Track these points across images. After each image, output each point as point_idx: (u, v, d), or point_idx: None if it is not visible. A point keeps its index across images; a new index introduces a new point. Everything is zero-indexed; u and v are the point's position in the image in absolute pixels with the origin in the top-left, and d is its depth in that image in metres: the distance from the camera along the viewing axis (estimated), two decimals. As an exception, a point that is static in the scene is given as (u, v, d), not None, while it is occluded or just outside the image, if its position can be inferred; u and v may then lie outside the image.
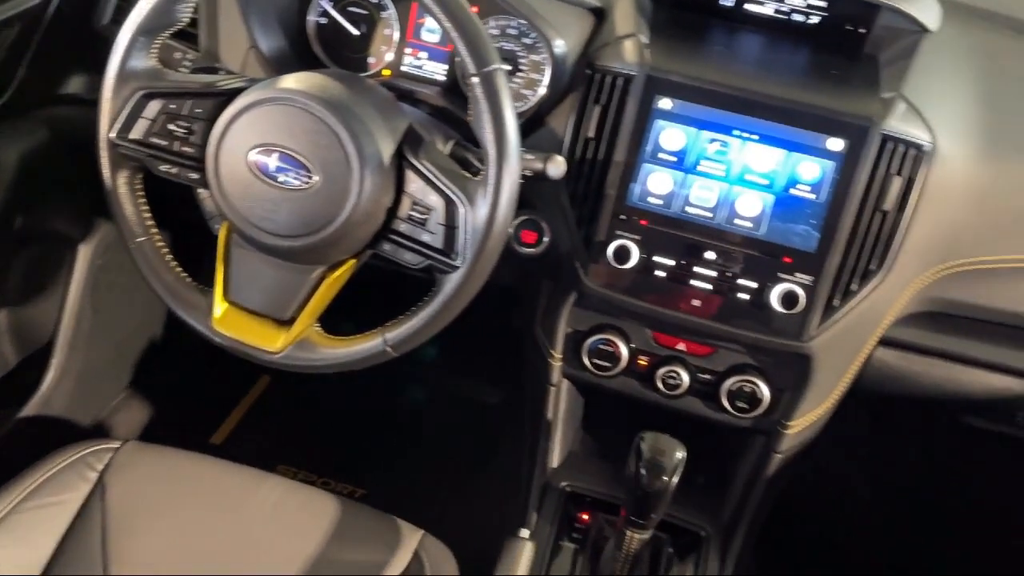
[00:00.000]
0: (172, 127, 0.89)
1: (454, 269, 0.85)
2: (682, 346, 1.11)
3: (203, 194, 0.94)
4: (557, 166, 0.94)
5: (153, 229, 0.94)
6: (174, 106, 0.89)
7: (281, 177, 0.83)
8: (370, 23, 1.12)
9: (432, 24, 1.11)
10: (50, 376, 1.41)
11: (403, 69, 1.13)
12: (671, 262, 1.01)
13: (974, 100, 1.03)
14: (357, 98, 0.85)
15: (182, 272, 0.95)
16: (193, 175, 0.89)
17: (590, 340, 1.11)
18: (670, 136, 0.99)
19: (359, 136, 0.82)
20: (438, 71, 1.12)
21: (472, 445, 1.79)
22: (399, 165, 0.86)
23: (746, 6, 1.08)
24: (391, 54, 1.13)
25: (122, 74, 0.90)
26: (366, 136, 0.83)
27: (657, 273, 1.02)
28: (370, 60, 1.13)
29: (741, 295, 1.00)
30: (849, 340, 1.04)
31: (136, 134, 0.90)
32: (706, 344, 1.10)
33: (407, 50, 1.12)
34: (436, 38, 1.11)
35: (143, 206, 0.94)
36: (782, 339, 1.01)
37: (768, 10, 1.08)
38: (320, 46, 1.14)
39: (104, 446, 1.10)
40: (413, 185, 0.85)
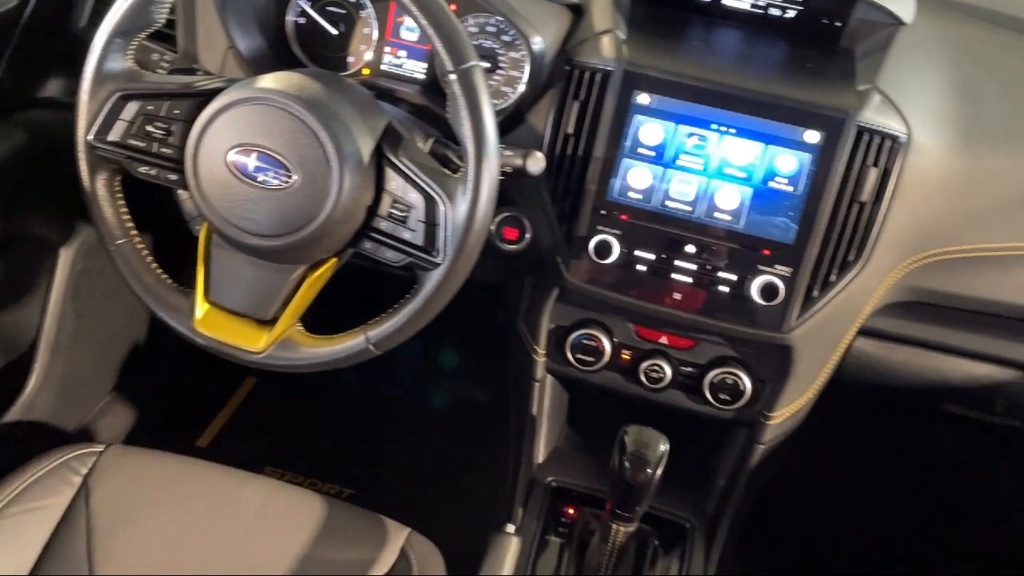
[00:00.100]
0: (150, 128, 0.89)
1: (435, 266, 0.85)
2: (664, 340, 1.12)
3: (183, 195, 0.94)
4: (537, 162, 0.94)
5: (133, 231, 0.94)
6: (152, 107, 0.89)
7: (260, 177, 0.83)
8: (349, 22, 1.12)
9: (411, 23, 1.11)
10: (33, 381, 1.40)
11: (383, 68, 1.13)
12: (652, 256, 1.02)
13: (949, 91, 1.04)
14: (336, 97, 0.85)
15: (163, 274, 0.95)
16: (172, 176, 0.89)
17: (573, 335, 1.12)
18: (649, 131, 0.99)
19: (338, 135, 0.82)
20: (418, 69, 1.12)
21: (459, 443, 1.79)
22: (379, 163, 0.86)
23: (723, 1, 1.09)
24: (370, 53, 1.13)
25: (99, 76, 0.89)
26: (345, 135, 0.83)
27: (638, 267, 1.02)
28: (349, 59, 1.13)
29: (721, 288, 1.01)
30: (829, 330, 1.05)
31: (114, 136, 0.90)
32: (688, 337, 1.11)
33: (386, 49, 1.12)
34: (415, 36, 1.11)
35: (122, 208, 0.94)
36: (763, 331, 1.01)
37: (745, 5, 1.08)
38: (299, 46, 1.14)
39: (88, 450, 1.09)
40: (393, 183, 0.85)
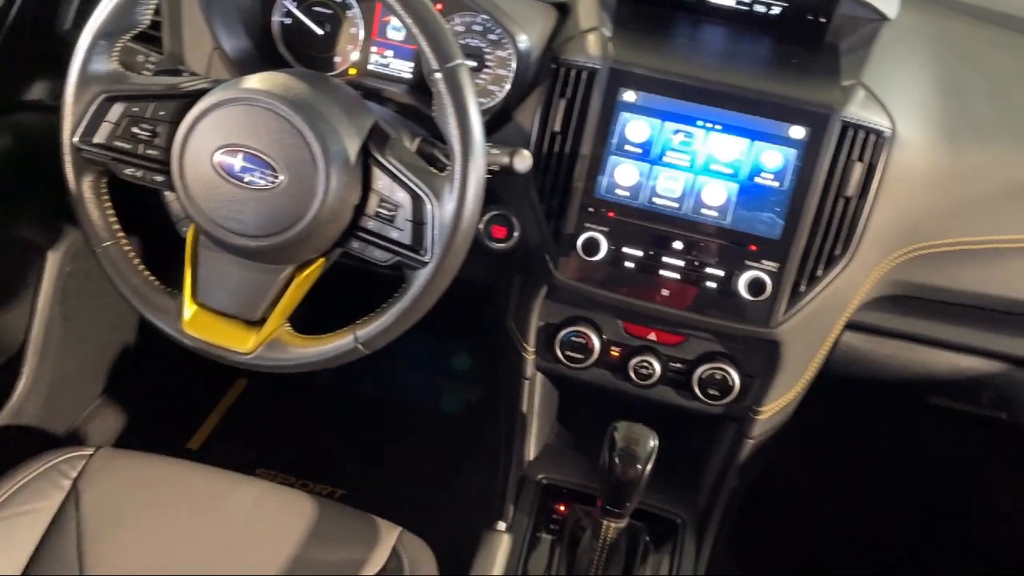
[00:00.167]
0: (136, 130, 0.89)
1: (423, 265, 0.85)
2: (653, 336, 1.12)
3: (169, 197, 0.93)
4: (523, 160, 0.94)
5: (120, 233, 0.94)
6: (137, 109, 0.89)
7: (247, 177, 0.83)
8: (335, 22, 1.12)
9: (397, 22, 1.11)
10: (21, 385, 1.40)
11: (369, 68, 1.13)
12: (639, 253, 1.02)
13: (932, 86, 1.05)
14: (321, 96, 0.85)
15: (150, 276, 0.94)
16: (158, 178, 0.89)
17: (562, 332, 1.12)
18: (635, 128, 0.99)
19: (324, 134, 0.82)
20: (404, 69, 1.12)
21: (450, 442, 1.79)
22: (365, 163, 0.86)
23: None
24: (357, 53, 1.13)
25: (84, 78, 0.89)
26: (331, 134, 0.83)
27: (626, 264, 1.03)
28: (336, 59, 1.13)
29: (709, 283, 1.01)
30: (816, 325, 1.05)
31: (99, 138, 0.90)
32: (676, 333, 1.11)
33: (373, 48, 1.12)
34: (402, 36, 1.11)
35: (109, 210, 0.93)
36: (750, 326, 1.02)
37: (730, 2, 1.09)
38: (285, 46, 1.14)
39: (77, 453, 1.09)
40: (380, 182, 0.85)
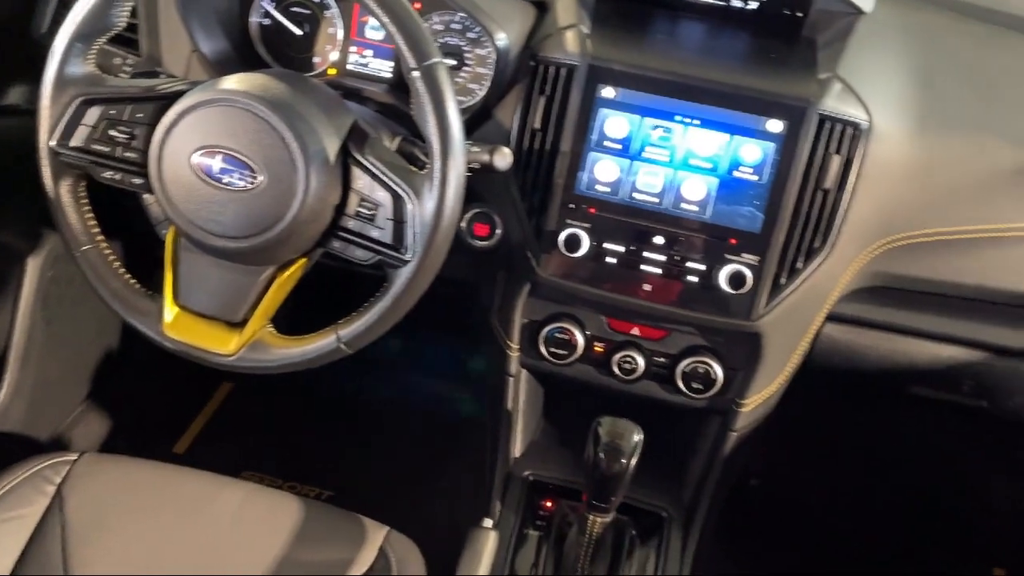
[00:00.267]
0: (113, 133, 0.88)
1: (404, 264, 0.85)
2: (636, 331, 1.12)
3: (148, 199, 0.93)
4: (504, 157, 0.94)
5: (99, 237, 0.93)
6: (114, 111, 0.88)
7: (226, 178, 0.83)
8: (313, 22, 1.12)
9: (376, 22, 1.11)
10: (4, 391, 1.39)
11: (349, 67, 1.12)
12: (621, 248, 1.02)
13: (908, 78, 1.06)
14: (300, 97, 0.85)
15: (130, 279, 0.94)
16: (137, 180, 0.89)
17: (546, 329, 1.12)
18: (614, 124, 1.00)
19: (303, 134, 0.82)
20: (384, 68, 1.12)
21: (436, 441, 1.79)
22: (345, 162, 0.86)
23: None
24: (336, 53, 1.12)
25: (60, 81, 0.89)
26: (310, 134, 0.83)
27: (608, 260, 1.03)
28: (315, 59, 1.13)
29: (690, 278, 1.02)
30: (797, 317, 1.06)
31: (77, 141, 0.89)
32: (659, 328, 1.12)
33: (352, 48, 1.12)
34: (381, 35, 1.11)
35: (87, 214, 0.93)
36: (732, 319, 1.02)
37: None
38: (264, 47, 1.14)
39: (61, 459, 1.08)
40: (360, 182, 0.85)
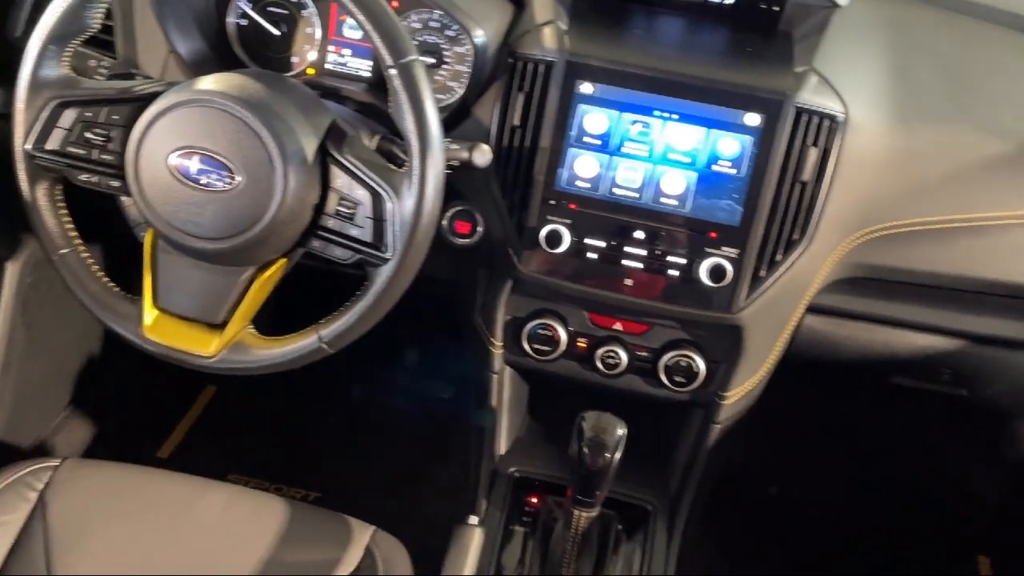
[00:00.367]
0: (89, 135, 0.88)
1: (384, 262, 0.85)
2: (618, 326, 1.13)
3: (126, 202, 0.93)
4: (483, 155, 0.94)
5: (77, 240, 0.93)
6: (90, 114, 0.88)
7: (203, 179, 0.82)
8: (291, 22, 1.11)
9: (354, 21, 1.11)
10: (-16, 399, 1.38)
11: (327, 67, 1.12)
12: (602, 244, 1.03)
13: (884, 70, 1.07)
14: (277, 96, 0.85)
15: (109, 282, 0.93)
16: (114, 183, 0.88)
17: (529, 325, 1.13)
18: (593, 120, 1.00)
19: (281, 134, 0.82)
20: (363, 67, 1.12)
21: (422, 440, 1.79)
22: (323, 161, 0.85)
23: None
24: (314, 52, 1.12)
25: (34, 84, 0.88)
26: (288, 134, 0.82)
27: (589, 255, 1.03)
28: (294, 59, 1.13)
29: (671, 272, 1.02)
30: (777, 309, 1.07)
31: (53, 144, 0.89)
32: (641, 322, 1.12)
33: (330, 48, 1.12)
34: (359, 35, 1.11)
35: (65, 217, 0.92)
36: (713, 312, 1.03)
37: None
38: (242, 48, 1.13)
39: (43, 465, 1.07)
40: (339, 180, 0.85)
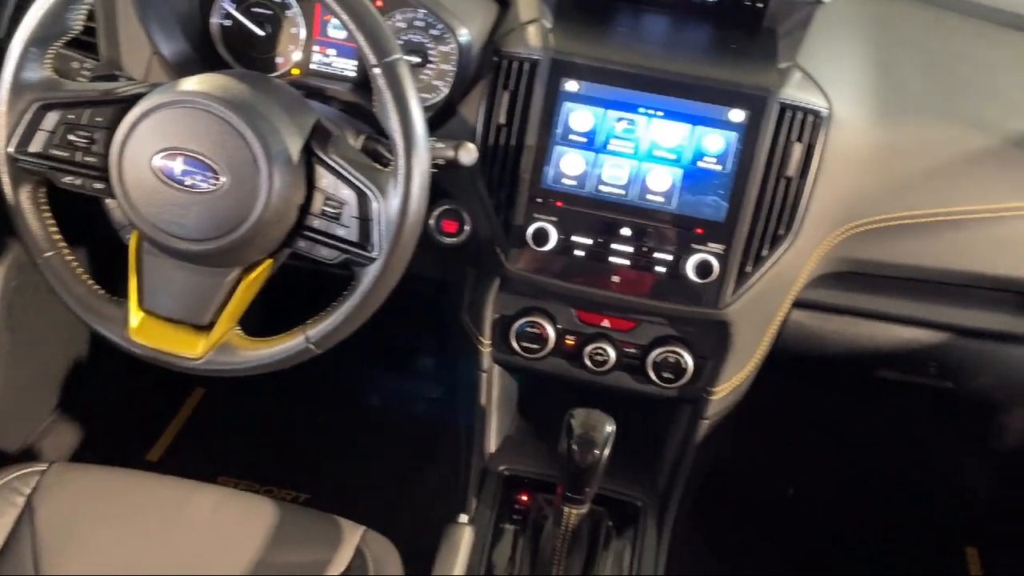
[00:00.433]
0: (72, 137, 0.87)
1: (371, 261, 0.85)
2: (606, 323, 1.13)
3: (110, 204, 0.93)
4: (468, 153, 0.95)
5: (61, 243, 0.92)
6: (73, 116, 0.87)
7: (188, 181, 0.82)
8: (275, 23, 1.11)
9: (338, 21, 1.11)
10: (-30, 403, 1.37)
11: (312, 67, 1.12)
12: (589, 241, 1.03)
13: (867, 66, 1.07)
14: (261, 97, 0.84)
15: (94, 284, 0.93)
16: (98, 185, 0.88)
17: (517, 324, 1.13)
18: (579, 117, 1.00)
19: (265, 135, 0.81)
20: (348, 67, 1.12)
21: (412, 439, 1.79)
22: (309, 161, 0.85)
23: None
24: (299, 53, 1.12)
25: (16, 86, 0.87)
26: (272, 134, 0.82)
27: (576, 253, 1.03)
28: (278, 60, 1.12)
29: (658, 268, 1.03)
30: (764, 304, 1.07)
31: (35, 147, 0.88)
32: (629, 319, 1.12)
33: (315, 48, 1.12)
34: (343, 35, 1.11)
35: (49, 220, 0.92)
36: (700, 308, 1.03)
37: None
38: (226, 49, 1.13)
39: (30, 469, 1.07)
40: (324, 180, 0.85)
